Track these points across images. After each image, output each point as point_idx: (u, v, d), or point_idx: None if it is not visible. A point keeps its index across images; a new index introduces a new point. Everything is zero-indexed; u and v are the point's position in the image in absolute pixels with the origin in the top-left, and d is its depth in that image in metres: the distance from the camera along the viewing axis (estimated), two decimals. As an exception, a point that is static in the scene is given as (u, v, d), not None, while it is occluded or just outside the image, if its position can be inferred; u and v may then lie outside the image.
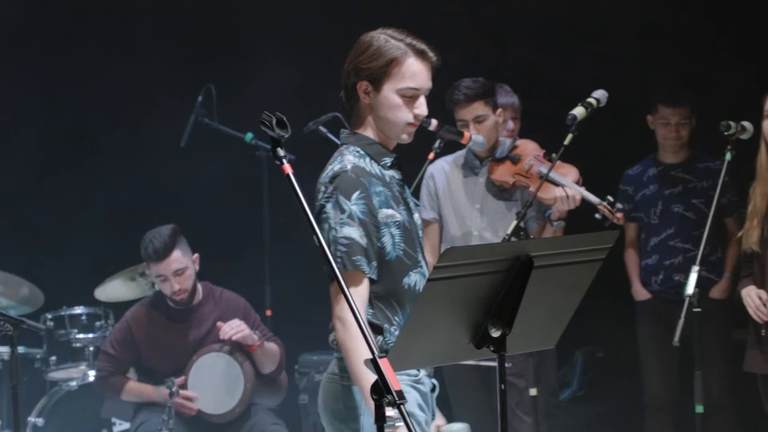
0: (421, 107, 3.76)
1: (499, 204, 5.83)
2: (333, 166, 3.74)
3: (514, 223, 5.29)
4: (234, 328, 5.99)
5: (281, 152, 3.19)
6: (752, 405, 5.63)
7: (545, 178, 5.26)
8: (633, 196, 6.50)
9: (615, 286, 6.39)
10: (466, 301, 3.21)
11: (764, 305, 5.20)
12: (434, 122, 5.65)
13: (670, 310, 5.83)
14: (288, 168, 3.16)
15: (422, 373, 3.76)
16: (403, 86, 3.71)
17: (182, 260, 6.02)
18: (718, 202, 5.37)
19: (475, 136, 5.71)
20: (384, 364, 2.93)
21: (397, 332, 3.67)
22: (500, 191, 5.82)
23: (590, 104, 5.10)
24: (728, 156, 5.27)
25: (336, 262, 3.36)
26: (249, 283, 6.76)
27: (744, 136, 5.26)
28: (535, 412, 5.40)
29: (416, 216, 3.88)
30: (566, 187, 5.35)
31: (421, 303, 3.21)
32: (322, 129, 6.01)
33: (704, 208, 6.20)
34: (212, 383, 6.08)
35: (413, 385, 3.74)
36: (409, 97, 3.74)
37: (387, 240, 3.70)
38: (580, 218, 5.46)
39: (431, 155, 5.83)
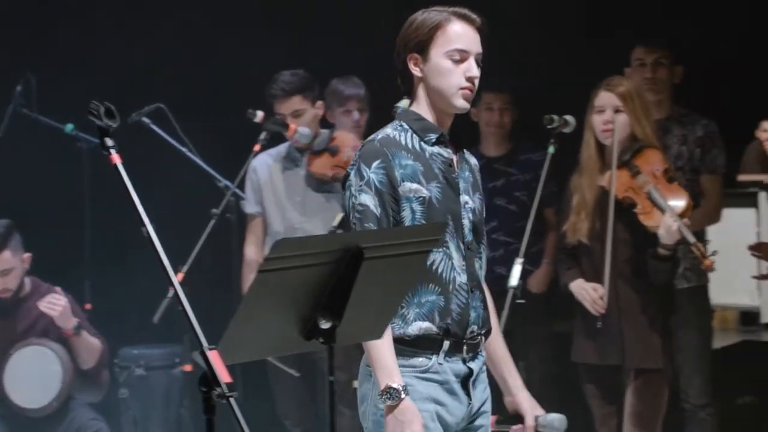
0: (473, 69, 3.69)
1: (319, 197, 5.84)
2: (369, 138, 3.76)
3: (340, 215, 5.30)
4: (52, 303, 5.85)
5: (110, 142, 3.10)
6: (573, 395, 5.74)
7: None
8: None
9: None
10: (297, 293, 3.18)
11: (600, 298, 5.31)
12: (260, 114, 5.62)
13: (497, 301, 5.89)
14: (116, 158, 3.07)
15: (434, 360, 3.68)
16: (450, 48, 3.66)
17: (11, 261, 5.88)
18: (540, 194, 5.45)
19: (302, 129, 5.72)
20: (213, 355, 2.89)
21: (403, 311, 3.67)
22: (320, 184, 5.82)
23: None
24: (551, 149, 5.35)
25: (353, 227, 3.58)
26: (68, 277, 6.62)
27: (566, 130, 5.35)
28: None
29: (465, 198, 3.75)
30: None
31: (250, 294, 3.17)
32: (146, 120, 5.92)
33: (527, 201, 6.28)
34: (29, 377, 5.96)
35: (421, 377, 3.68)
36: (458, 60, 3.67)
37: (407, 214, 3.65)
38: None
39: (257, 147, 5.81)
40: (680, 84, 6.18)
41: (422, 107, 3.74)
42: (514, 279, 5.17)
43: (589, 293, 5.36)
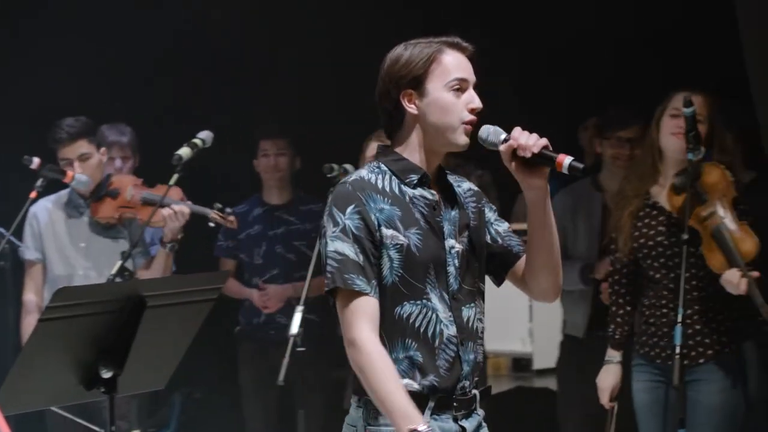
0: (475, 99, 3.41)
1: (105, 242, 5.78)
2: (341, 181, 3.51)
3: (119, 263, 5.26)
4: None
5: None
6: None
7: (159, 203, 5.40)
8: (237, 233, 6.56)
9: (215, 324, 6.42)
10: (78, 342, 3.16)
11: None
12: (36, 160, 5.53)
13: (273, 349, 5.91)
14: None
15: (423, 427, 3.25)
16: (449, 79, 3.39)
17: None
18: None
19: (78, 176, 5.65)
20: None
21: None
22: (105, 229, 5.78)
23: (195, 144, 5.23)
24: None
25: (326, 278, 3.31)
26: None
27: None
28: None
29: (450, 243, 3.43)
30: (173, 205, 5.42)
31: (31, 343, 3.13)
32: None
33: (306, 250, 6.33)
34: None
35: None
36: (459, 90, 3.40)
37: (384, 262, 3.35)
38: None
39: (33, 194, 5.70)
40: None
41: (408, 147, 3.45)
42: (295, 327, 5.19)
43: None
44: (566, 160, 3.20)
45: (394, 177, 3.42)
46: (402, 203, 3.39)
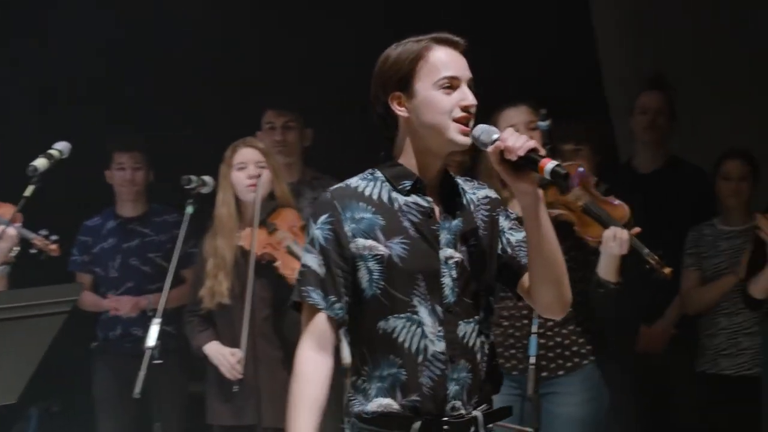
0: (468, 97, 3.17)
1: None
2: None
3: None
4: None
5: None
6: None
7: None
8: (91, 247, 6.47)
9: (72, 337, 6.33)
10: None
11: (238, 363, 5.32)
12: None
13: (130, 362, 5.84)
14: None
15: None
16: (438, 77, 3.15)
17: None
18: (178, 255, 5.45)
19: None
20: None
21: (365, 385, 3.17)
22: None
23: (51, 155, 5.11)
24: (190, 209, 5.36)
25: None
26: None
27: (204, 190, 5.38)
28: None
29: (447, 252, 3.18)
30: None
31: None
32: None
33: (162, 262, 6.26)
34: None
35: None
36: (449, 89, 3.15)
37: (363, 274, 3.15)
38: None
39: None
40: (310, 147, 6.31)
41: (404, 152, 3.23)
42: (152, 339, 5.14)
43: (227, 358, 5.38)
44: (549, 164, 3.01)
45: (386, 184, 3.21)
46: (388, 211, 3.18)
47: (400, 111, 3.19)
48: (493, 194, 3.34)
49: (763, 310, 5.47)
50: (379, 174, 3.23)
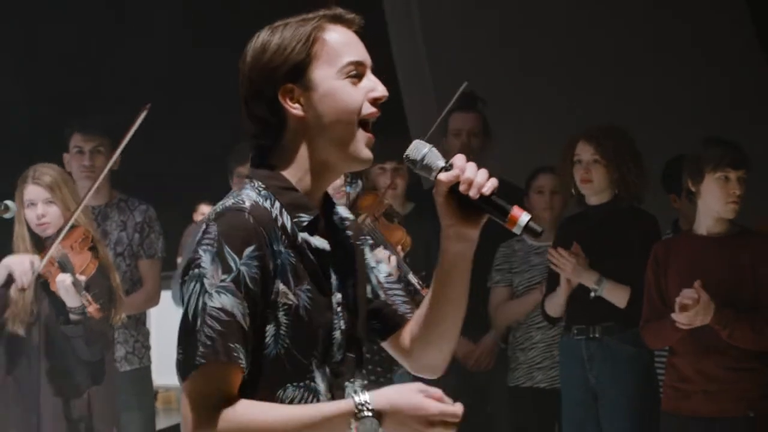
0: (379, 86, 2.57)
1: None
2: (223, 201, 2.53)
3: None
4: None
5: None
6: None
7: None
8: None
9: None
10: None
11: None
12: None
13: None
14: None
15: None
16: (342, 63, 2.53)
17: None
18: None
19: None
20: None
21: None
22: None
23: None
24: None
25: (201, 346, 2.40)
26: None
27: (8, 216, 5.23)
28: None
29: (338, 297, 2.59)
30: None
31: None
32: None
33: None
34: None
35: None
36: (356, 77, 2.54)
37: (270, 328, 2.48)
38: None
39: None
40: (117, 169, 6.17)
41: (293, 167, 2.57)
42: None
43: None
44: (523, 216, 2.48)
45: (283, 209, 2.53)
46: (296, 247, 2.53)
47: (294, 108, 2.53)
48: (350, 214, 2.76)
49: (560, 325, 5.60)
50: (270, 194, 2.54)
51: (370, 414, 2.41)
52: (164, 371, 7.55)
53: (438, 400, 2.44)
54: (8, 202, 5.25)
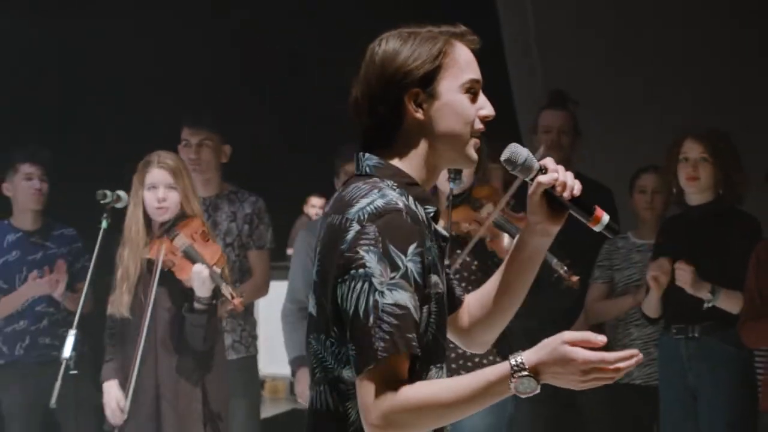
0: (488, 106, 2.77)
1: None
2: (369, 200, 2.62)
3: None
4: None
5: None
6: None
7: None
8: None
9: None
10: None
11: (121, 411, 5.22)
12: None
13: (43, 371, 5.80)
14: None
15: None
16: (466, 79, 2.72)
17: None
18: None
19: None
20: None
21: None
22: None
23: None
24: (104, 224, 5.33)
25: (380, 341, 2.52)
26: None
27: (119, 205, 5.35)
28: None
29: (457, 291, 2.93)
30: None
31: None
32: None
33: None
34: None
35: None
36: (473, 94, 2.75)
37: (423, 318, 2.63)
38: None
39: None
40: (228, 162, 6.31)
41: (411, 164, 2.74)
42: (67, 350, 5.10)
43: (111, 404, 5.28)
44: (605, 216, 2.76)
45: (416, 204, 2.69)
46: (435, 239, 2.73)
47: (415, 113, 2.70)
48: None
49: (660, 325, 5.60)
50: (401, 190, 2.68)
51: (525, 373, 2.52)
52: (272, 361, 7.70)
53: (584, 342, 2.53)
54: (120, 192, 5.37)
